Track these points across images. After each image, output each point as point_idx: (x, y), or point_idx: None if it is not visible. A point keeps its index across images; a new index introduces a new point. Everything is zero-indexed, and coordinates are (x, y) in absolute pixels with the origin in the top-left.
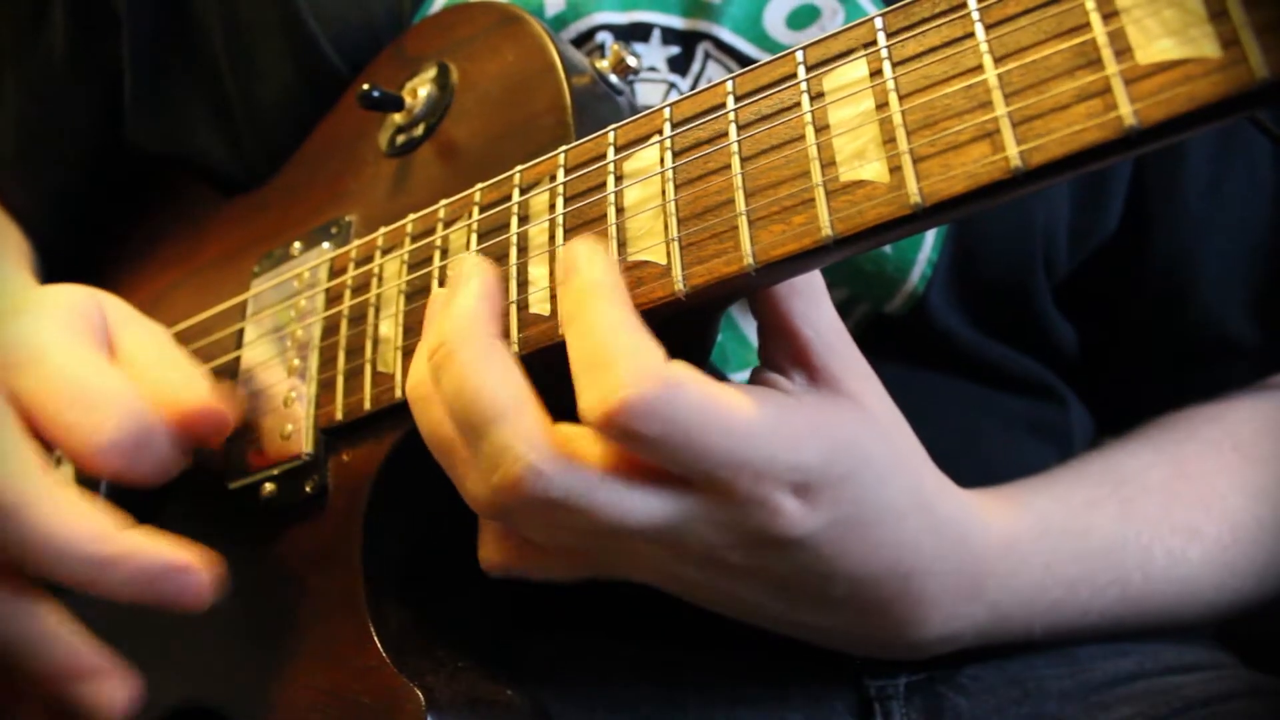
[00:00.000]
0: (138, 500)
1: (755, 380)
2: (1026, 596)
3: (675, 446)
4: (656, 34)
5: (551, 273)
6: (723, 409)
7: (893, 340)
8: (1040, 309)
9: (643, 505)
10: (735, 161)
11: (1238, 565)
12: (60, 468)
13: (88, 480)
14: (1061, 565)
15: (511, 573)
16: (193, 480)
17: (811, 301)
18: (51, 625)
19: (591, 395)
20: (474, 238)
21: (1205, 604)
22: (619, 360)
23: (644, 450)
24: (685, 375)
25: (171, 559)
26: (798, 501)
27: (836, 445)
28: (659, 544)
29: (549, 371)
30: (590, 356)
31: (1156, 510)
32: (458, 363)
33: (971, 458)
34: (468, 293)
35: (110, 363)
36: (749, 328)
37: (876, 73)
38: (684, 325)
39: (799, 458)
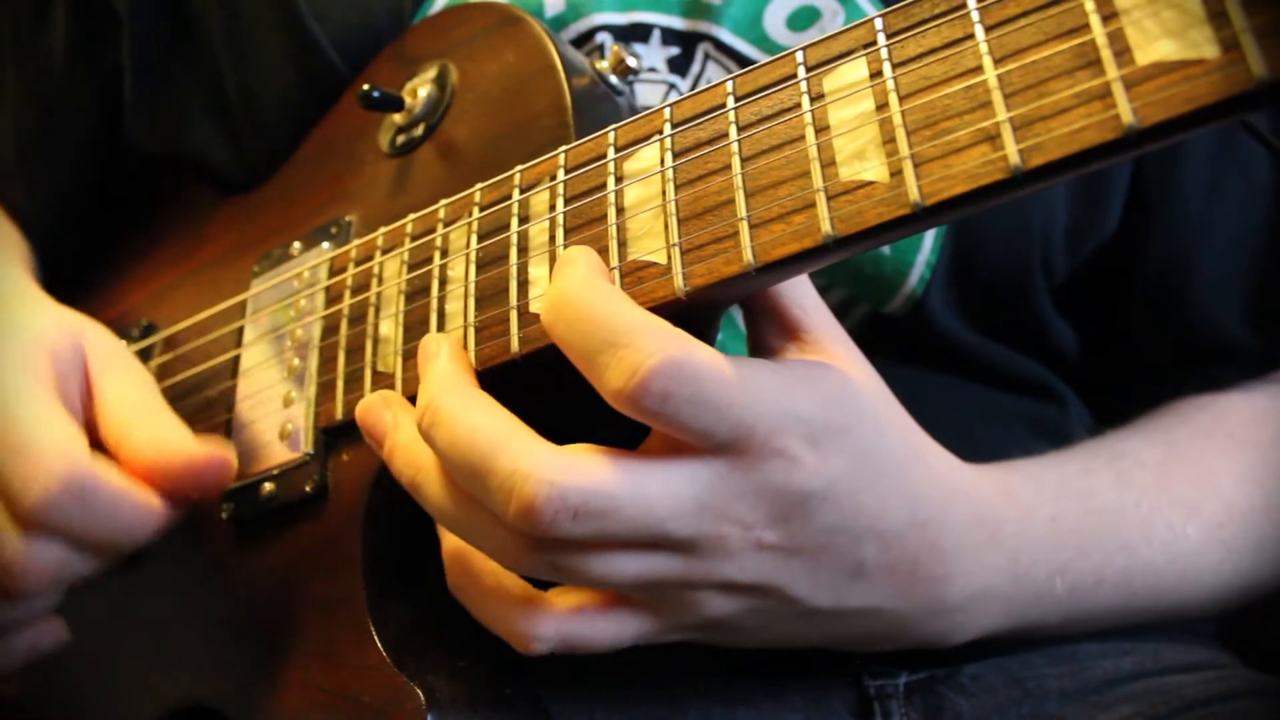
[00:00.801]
0: None
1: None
2: (1041, 551)
3: (704, 404)
4: (656, 35)
5: (551, 272)
6: (731, 364)
7: (892, 341)
8: (1039, 310)
9: (664, 487)
10: (735, 162)
11: (1234, 545)
12: None
13: None
14: (1066, 521)
15: (570, 640)
16: None
17: (798, 283)
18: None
19: (618, 374)
20: (474, 237)
21: (1207, 586)
22: (636, 333)
23: (678, 416)
24: (691, 339)
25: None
26: (810, 452)
27: (828, 398)
28: (699, 545)
29: (545, 372)
30: (601, 340)
31: (1153, 484)
32: (445, 414)
33: (971, 458)
34: (441, 359)
35: (64, 411)
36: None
37: (876, 73)
38: (684, 325)
39: (798, 408)
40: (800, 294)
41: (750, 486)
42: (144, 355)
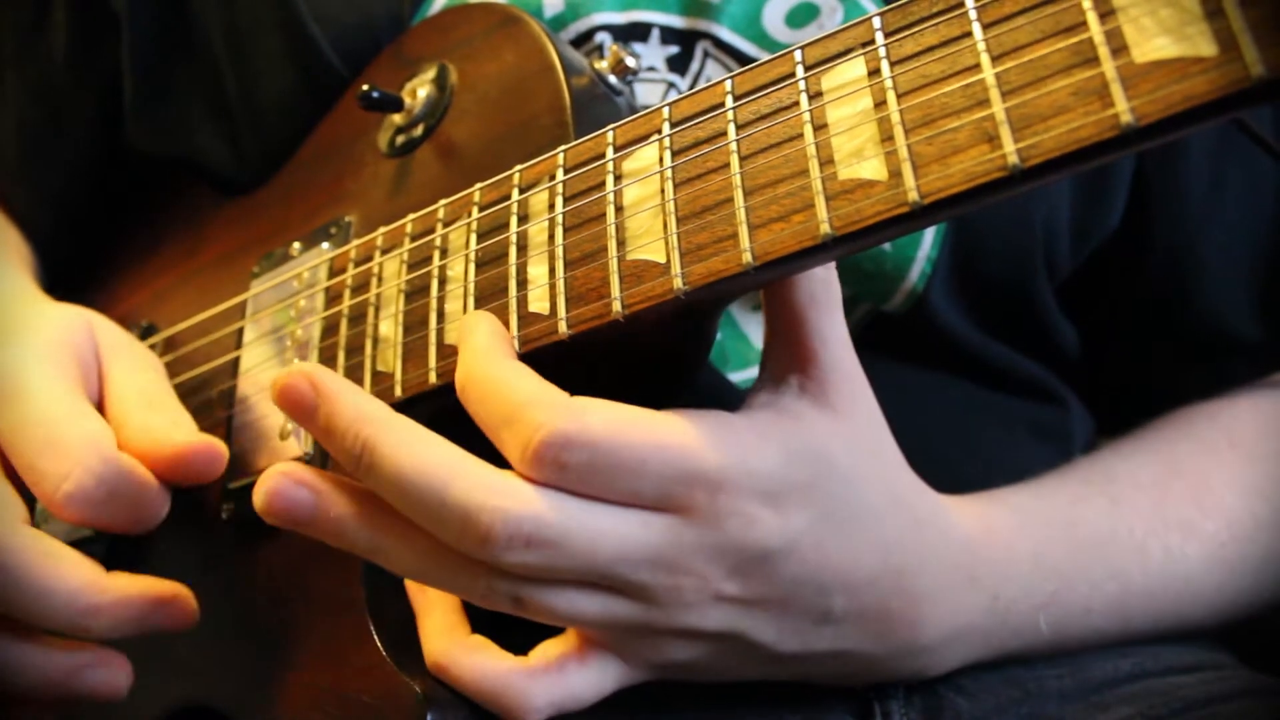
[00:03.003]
0: None
1: (752, 394)
2: (1023, 587)
3: (609, 469)
4: (655, 33)
5: (551, 271)
6: (645, 427)
7: (894, 339)
8: (1041, 308)
9: (614, 527)
10: (734, 160)
11: (1237, 564)
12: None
13: None
14: (1051, 555)
15: (560, 702)
16: None
17: (827, 313)
18: (33, 644)
19: (514, 448)
20: (473, 237)
21: (1207, 604)
22: (525, 407)
23: (583, 482)
24: (591, 403)
25: (157, 593)
26: (769, 510)
27: (792, 452)
28: (654, 594)
29: (546, 371)
30: (499, 416)
31: (1149, 506)
32: (385, 452)
33: (971, 459)
34: (352, 394)
35: (90, 405)
36: (748, 326)
37: (875, 72)
38: (683, 323)
39: (752, 465)
40: (827, 328)
41: (705, 542)
42: None
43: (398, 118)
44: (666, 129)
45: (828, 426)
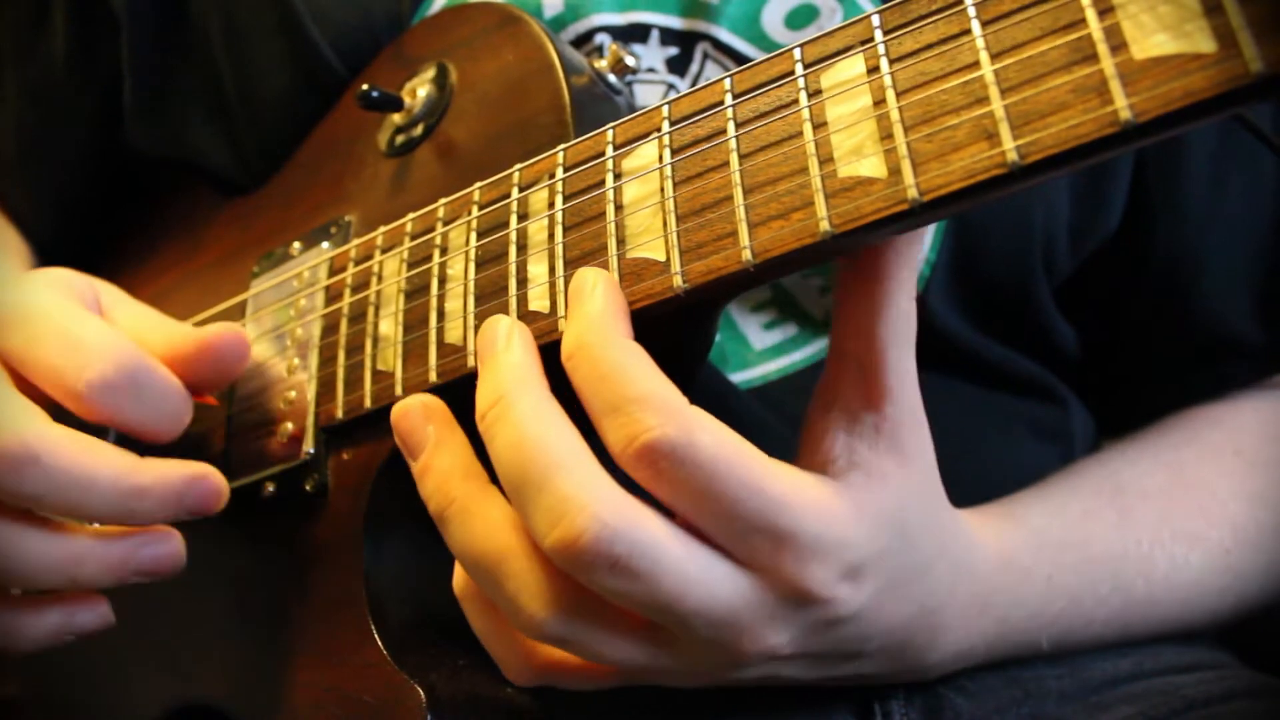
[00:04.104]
0: None
1: (817, 419)
2: (1032, 609)
3: (701, 494)
4: (655, 34)
5: (551, 269)
6: (752, 467)
7: None
8: (1041, 309)
9: (708, 575)
10: (734, 158)
11: (1241, 570)
12: None
13: None
14: (1063, 576)
15: (553, 683)
16: None
17: (907, 350)
18: (85, 534)
19: (615, 440)
20: (473, 235)
21: (1209, 610)
22: (637, 404)
23: (671, 494)
24: (706, 420)
25: (191, 471)
26: (848, 584)
27: (879, 520)
28: (713, 650)
29: (552, 366)
30: (606, 402)
31: (1155, 517)
32: (516, 414)
33: (972, 459)
34: (514, 350)
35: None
36: (747, 328)
37: (874, 69)
38: (683, 322)
39: (846, 538)
40: (904, 360)
41: (783, 613)
42: None
43: (397, 117)
44: (666, 127)
45: (902, 480)
